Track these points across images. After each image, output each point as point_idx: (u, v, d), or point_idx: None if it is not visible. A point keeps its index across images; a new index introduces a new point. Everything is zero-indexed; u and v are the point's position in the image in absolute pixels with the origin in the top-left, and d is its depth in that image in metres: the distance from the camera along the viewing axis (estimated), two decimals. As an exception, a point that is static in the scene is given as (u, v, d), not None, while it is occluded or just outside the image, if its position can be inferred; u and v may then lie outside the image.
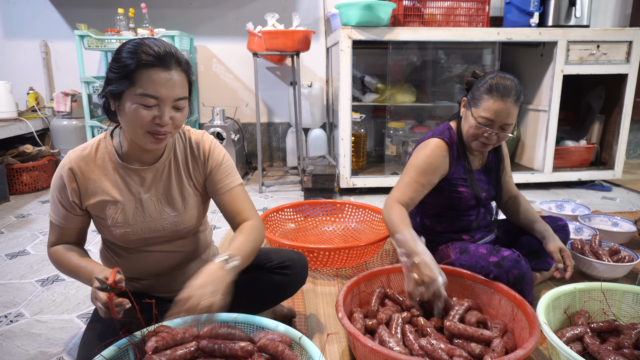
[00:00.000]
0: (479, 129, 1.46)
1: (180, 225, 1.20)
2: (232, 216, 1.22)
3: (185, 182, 1.20)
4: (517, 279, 1.39)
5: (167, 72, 1.00)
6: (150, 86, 0.99)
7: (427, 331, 1.26)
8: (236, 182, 1.23)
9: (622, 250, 1.84)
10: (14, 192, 3.09)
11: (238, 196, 1.22)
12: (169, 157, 1.18)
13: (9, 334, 1.46)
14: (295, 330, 1.09)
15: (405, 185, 1.51)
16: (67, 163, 1.12)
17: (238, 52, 3.72)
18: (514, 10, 3.04)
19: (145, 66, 0.98)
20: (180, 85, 1.03)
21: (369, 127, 3.86)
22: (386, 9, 2.77)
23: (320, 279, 1.83)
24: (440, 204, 1.59)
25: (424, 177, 1.51)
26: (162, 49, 1.01)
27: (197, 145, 1.21)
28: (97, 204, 1.13)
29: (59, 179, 1.12)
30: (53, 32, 3.59)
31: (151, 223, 1.16)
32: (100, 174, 1.13)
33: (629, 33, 2.98)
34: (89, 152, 1.13)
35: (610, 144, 3.29)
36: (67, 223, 1.15)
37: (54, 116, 3.55)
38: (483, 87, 1.45)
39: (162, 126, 1.03)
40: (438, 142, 1.54)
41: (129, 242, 1.17)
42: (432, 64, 3.44)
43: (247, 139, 3.89)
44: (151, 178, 1.16)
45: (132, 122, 1.02)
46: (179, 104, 1.04)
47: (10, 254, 2.10)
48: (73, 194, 1.12)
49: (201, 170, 1.22)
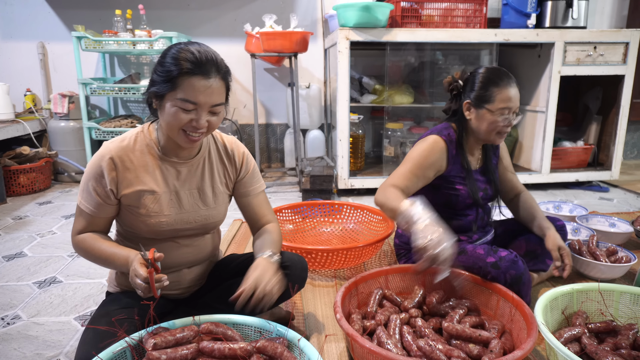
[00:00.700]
0: (499, 121, 1.50)
1: (210, 219, 1.27)
2: (257, 218, 1.36)
3: (217, 180, 1.28)
4: (515, 279, 1.40)
5: (207, 80, 1.06)
6: (190, 92, 1.06)
7: (425, 332, 1.26)
8: (262, 188, 1.38)
9: (620, 251, 1.85)
10: (11, 193, 3.08)
11: (264, 201, 1.37)
12: (203, 155, 1.26)
13: (5, 336, 1.45)
14: (294, 332, 1.09)
15: (400, 174, 1.51)
16: (107, 153, 1.15)
17: (236, 53, 3.72)
18: (511, 12, 3.05)
19: (186, 74, 1.05)
20: (218, 92, 1.10)
21: (367, 128, 3.86)
22: (384, 10, 2.77)
23: (319, 280, 1.83)
24: (438, 202, 1.59)
25: (420, 170, 1.52)
26: (203, 56, 1.07)
27: (231, 150, 1.31)
28: (133, 193, 1.16)
29: (96, 168, 1.15)
30: (50, 33, 3.58)
31: (185, 215, 1.22)
32: (139, 165, 1.17)
33: (625, 34, 3.00)
34: (128, 144, 1.18)
35: (608, 145, 3.30)
36: (99, 212, 1.17)
37: (51, 118, 3.54)
38: (486, 83, 1.50)
39: (198, 129, 1.10)
40: (436, 139, 1.56)
41: (159, 233, 1.20)
42: (430, 65, 3.44)
43: (245, 140, 3.89)
44: (186, 172, 1.23)
45: (171, 122, 1.09)
46: (216, 109, 1.12)
47: (7, 256, 2.10)
48: (112, 182, 1.15)
49: (234, 173, 1.32)
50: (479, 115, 1.53)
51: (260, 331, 1.15)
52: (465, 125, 1.59)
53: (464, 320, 1.30)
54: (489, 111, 1.50)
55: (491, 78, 1.50)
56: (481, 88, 1.51)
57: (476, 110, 1.54)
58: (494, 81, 1.49)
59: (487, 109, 1.50)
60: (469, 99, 1.55)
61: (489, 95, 1.49)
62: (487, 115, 1.51)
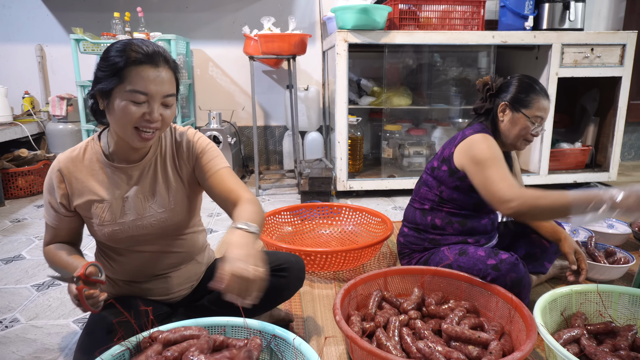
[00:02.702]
0: (529, 129, 1.52)
1: (169, 221, 1.20)
2: (225, 196, 1.16)
3: (172, 177, 1.21)
4: (515, 282, 1.39)
5: (156, 69, 1.03)
6: (139, 82, 1.01)
7: (424, 334, 1.26)
8: (223, 165, 1.21)
9: (618, 252, 1.85)
10: (9, 196, 3.07)
11: (226, 176, 1.19)
12: (155, 154, 1.20)
13: (4, 339, 1.45)
14: (289, 332, 1.09)
15: (501, 175, 1.38)
16: (56, 165, 1.15)
17: (234, 55, 3.73)
18: (508, 14, 3.06)
19: (134, 63, 1.01)
20: (168, 82, 1.06)
21: (366, 130, 3.87)
22: (382, 13, 2.78)
23: (318, 282, 1.82)
24: (469, 202, 1.57)
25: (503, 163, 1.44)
26: (150, 47, 1.04)
27: (181, 135, 1.24)
28: (84, 203, 1.15)
29: (49, 181, 1.16)
30: (48, 36, 3.58)
31: (139, 220, 1.17)
32: (88, 174, 1.15)
33: (622, 36, 3.01)
34: (77, 154, 1.17)
35: (605, 146, 3.30)
36: (59, 223, 1.18)
37: (49, 120, 3.53)
38: (527, 88, 1.52)
39: (152, 122, 1.05)
40: (488, 136, 1.51)
41: (118, 241, 1.18)
42: (428, 67, 3.45)
43: (243, 142, 3.89)
44: (137, 175, 1.18)
45: (122, 118, 1.04)
46: (168, 101, 1.07)
47: (5, 259, 2.09)
48: (61, 195, 1.15)
49: (187, 159, 1.22)
50: (513, 118, 1.53)
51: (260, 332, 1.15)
52: (496, 127, 1.58)
53: (463, 322, 1.30)
54: (524, 116, 1.51)
55: (532, 85, 1.53)
56: (521, 92, 1.52)
57: (512, 113, 1.53)
58: (534, 88, 1.52)
59: (524, 114, 1.51)
60: (507, 100, 1.54)
61: (528, 101, 1.51)
62: (522, 119, 1.52)
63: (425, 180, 1.68)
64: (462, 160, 1.52)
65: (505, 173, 1.40)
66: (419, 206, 1.68)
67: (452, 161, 1.56)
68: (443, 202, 1.62)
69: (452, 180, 1.57)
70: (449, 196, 1.59)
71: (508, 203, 1.33)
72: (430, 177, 1.65)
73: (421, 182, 1.70)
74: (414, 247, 1.69)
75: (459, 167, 1.54)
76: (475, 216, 1.61)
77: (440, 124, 3.57)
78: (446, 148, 1.61)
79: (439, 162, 1.62)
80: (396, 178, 3.15)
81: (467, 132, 1.57)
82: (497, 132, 1.58)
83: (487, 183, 1.41)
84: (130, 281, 1.26)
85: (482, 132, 1.54)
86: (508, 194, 1.33)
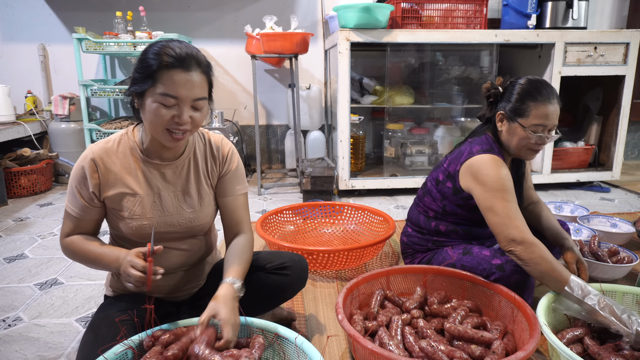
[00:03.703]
0: (531, 138, 1.41)
1: (196, 222, 1.23)
2: (232, 224, 1.29)
3: (203, 181, 1.25)
4: (519, 283, 1.38)
5: (187, 73, 1.04)
6: (170, 86, 1.03)
7: (427, 333, 1.26)
8: (244, 190, 1.31)
9: (621, 251, 1.85)
10: (12, 195, 3.08)
11: (242, 205, 1.30)
12: (188, 156, 1.23)
13: (7, 338, 1.45)
14: (291, 331, 1.09)
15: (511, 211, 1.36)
16: (90, 154, 1.15)
17: (236, 54, 3.73)
18: (511, 12, 3.05)
19: (166, 67, 1.03)
20: (199, 86, 1.07)
21: (368, 129, 3.86)
22: (384, 11, 2.78)
23: (320, 281, 1.82)
24: (472, 216, 1.53)
25: (512, 195, 1.39)
26: (183, 51, 1.05)
27: (216, 147, 1.27)
28: (115, 195, 1.15)
29: (80, 170, 1.14)
30: (51, 35, 3.59)
31: (168, 218, 1.19)
32: (121, 167, 1.16)
33: (626, 35, 3.00)
34: (112, 145, 1.17)
35: (608, 145, 3.29)
36: (85, 214, 1.17)
37: (52, 119, 3.54)
38: (523, 95, 1.41)
39: (181, 125, 1.07)
40: (497, 160, 1.42)
41: (143, 236, 1.18)
42: (430, 66, 3.44)
43: (245, 141, 3.89)
44: (171, 174, 1.20)
45: (153, 119, 1.07)
46: (198, 104, 1.09)
47: (8, 258, 2.10)
48: (94, 185, 1.14)
49: (217, 170, 1.27)
50: (510, 128, 1.45)
51: (263, 331, 1.15)
52: (498, 135, 1.52)
53: (466, 321, 1.30)
54: (521, 126, 1.41)
55: (530, 91, 1.41)
56: (517, 100, 1.42)
57: (508, 123, 1.45)
58: (532, 95, 1.40)
59: (520, 124, 1.41)
60: (504, 110, 1.46)
61: (523, 109, 1.41)
62: (519, 130, 1.42)
63: (429, 190, 1.63)
64: (468, 182, 1.46)
65: (515, 209, 1.36)
66: (423, 212, 1.66)
67: (457, 179, 1.50)
68: (446, 214, 1.59)
69: (456, 199, 1.54)
70: (452, 210, 1.57)
71: (515, 245, 1.33)
72: (434, 189, 1.60)
73: (426, 190, 1.65)
74: (417, 248, 1.68)
75: (464, 188, 1.48)
76: (481, 225, 1.55)
77: (443, 122, 3.57)
78: (452, 163, 1.54)
79: (444, 176, 1.56)
80: (398, 177, 3.14)
81: (474, 148, 1.48)
82: (500, 141, 1.52)
83: (495, 216, 1.37)
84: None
85: (490, 149, 1.46)
86: (518, 236, 1.33)
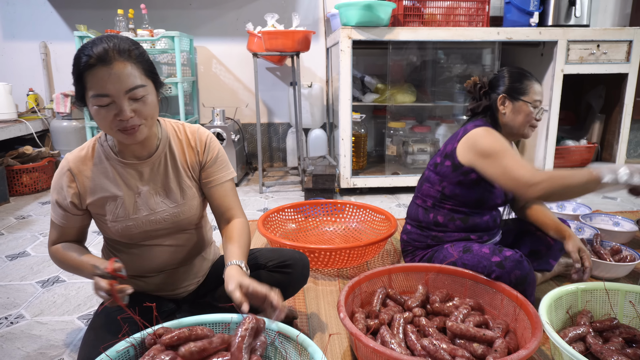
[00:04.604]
0: (532, 114, 1.55)
1: (181, 216, 1.22)
2: (222, 210, 1.26)
3: (183, 174, 1.22)
4: (520, 279, 1.39)
5: (109, 67, 0.98)
6: (97, 85, 0.99)
7: (429, 331, 1.26)
8: (229, 177, 1.27)
9: (624, 250, 1.84)
10: (13, 193, 3.08)
11: (229, 191, 1.26)
12: (164, 151, 1.19)
13: (9, 335, 1.45)
14: (293, 329, 1.08)
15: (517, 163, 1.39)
16: (66, 165, 1.15)
17: (238, 52, 3.72)
18: (513, 10, 3.04)
19: (88, 68, 0.98)
20: (127, 75, 1.00)
21: (369, 127, 3.86)
22: (386, 9, 2.77)
23: (322, 279, 1.82)
24: (471, 197, 1.58)
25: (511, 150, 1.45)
26: (99, 46, 0.99)
27: (193, 137, 1.24)
28: (97, 201, 1.15)
29: (58, 181, 1.15)
30: (53, 33, 3.58)
31: (152, 215, 1.18)
32: (98, 172, 1.15)
33: (629, 32, 2.98)
34: (86, 153, 1.16)
35: (611, 144, 3.28)
36: (67, 222, 1.18)
37: (53, 117, 3.54)
38: (519, 77, 1.56)
39: (125, 120, 1.02)
40: (491, 129, 1.52)
41: (131, 237, 1.19)
42: (432, 64, 3.43)
43: (247, 139, 3.89)
44: (148, 172, 1.18)
45: (100, 123, 1.04)
46: (135, 94, 1.02)
47: (10, 256, 2.10)
48: (72, 195, 1.14)
49: (198, 160, 1.24)
50: (515, 107, 1.56)
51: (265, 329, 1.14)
52: (496, 122, 1.59)
53: (468, 320, 1.29)
54: (525, 102, 1.54)
55: (522, 73, 1.57)
56: (516, 81, 1.56)
57: (512, 103, 1.56)
58: (525, 75, 1.56)
59: (524, 101, 1.54)
60: (504, 92, 1.57)
61: (524, 88, 1.55)
62: (524, 106, 1.55)
63: (427, 177, 1.67)
64: (469, 155, 1.52)
65: (521, 160, 1.42)
66: (422, 203, 1.68)
67: (455, 156, 1.56)
68: (445, 198, 1.61)
69: (456, 175, 1.57)
70: (451, 192, 1.59)
71: (536, 186, 1.32)
72: (432, 174, 1.65)
73: (423, 179, 1.70)
74: (417, 245, 1.68)
75: (463, 163, 1.54)
76: (477, 213, 1.61)
77: (445, 121, 3.56)
78: (448, 144, 1.61)
79: (441, 157, 1.62)
80: (400, 175, 3.14)
81: (468, 127, 1.57)
82: (498, 126, 1.59)
83: (506, 172, 1.40)
84: (138, 276, 1.26)
85: (484, 125, 1.55)
86: (534, 177, 1.33)
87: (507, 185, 1.42)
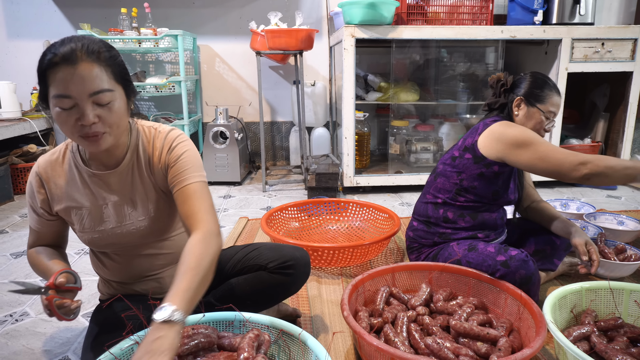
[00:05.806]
0: (543, 123, 1.56)
1: (148, 229, 1.15)
2: (183, 218, 1.06)
3: (149, 184, 1.13)
4: (525, 279, 1.38)
5: (73, 67, 0.91)
6: (59, 85, 0.92)
7: (432, 330, 1.26)
8: (193, 179, 1.08)
9: (628, 249, 1.83)
10: (18, 191, 3.10)
11: (192, 194, 1.06)
12: (132, 160, 1.11)
13: (14, 333, 1.46)
14: (295, 326, 1.08)
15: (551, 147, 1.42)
16: (36, 168, 1.11)
17: (241, 51, 3.72)
18: (517, 8, 3.03)
19: (52, 66, 0.92)
20: (93, 78, 0.92)
21: (373, 125, 3.85)
22: (389, 7, 2.76)
23: (325, 278, 1.82)
24: (489, 190, 1.58)
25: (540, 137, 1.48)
26: (67, 45, 0.93)
27: (160, 137, 1.13)
28: (63, 209, 1.12)
29: (29, 186, 1.12)
30: (56, 32, 3.59)
31: (117, 228, 1.12)
32: (66, 179, 1.11)
33: (634, 30, 2.97)
34: (57, 157, 1.12)
35: (615, 142, 3.27)
36: (42, 227, 1.15)
37: (57, 116, 3.55)
38: (542, 84, 1.56)
39: (87, 126, 0.94)
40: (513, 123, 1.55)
41: (100, 247, 1.15)
42: (436, 63, 3.43)
43: (250, 138, 3.89)
44: (116, 182, 1.11)
45: (61, 127, 0.96)
46: (100, 99, 0.94)
47: (15, 253, 2.11)
48: (41, 201, 1.11)
49: (162, 161, 1.11)
50: (529, 112, 1.56)
51: (268, 327, 1.15)
52: (511, 121, 1.59)
53: (472, 318, 1.29)
54: (539, 111, 1.55)
55: (545, 81, 1.57)
56: (536, 87, 1.56)
57: (527, 107, 1.57)
58: (548, 84, 1.56)
59: (539, 108, 1.55)
60: (522, 95, 1.57)
61: (543, 96, 1.55)
62: (537, 114, 1.55)
63: (442, 171, 1.66)
64: (497, 147, 1.51)
65: (551, 145, 1.44)
66: (432, 199, 1.67)
67: (476, 149, 1.56)
68: (461, 191, 1.60)
69: (477, 167, 1.56)
70: (469, 184, 1.59)
71: (583, 165, 1.36)
72: (449, 167, 1.64)
73: (436, 174, 1.69)
74: (423, 242, 1.68)
75: (487, 155, 1.53)
76: (488, 209, 1.61)
77: (448, 119, 3.55)
78: (468, 137, 1.61)
79: (460, 151, 1.62)
80: (403, 174, 3.14)
81: (487, 121, 1.58)
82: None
83: (546, 157, 1.42)
84: (122, 282, 1.23)
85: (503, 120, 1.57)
86: (578, 157, 1.37)
87: (548, 169, 1.44)
